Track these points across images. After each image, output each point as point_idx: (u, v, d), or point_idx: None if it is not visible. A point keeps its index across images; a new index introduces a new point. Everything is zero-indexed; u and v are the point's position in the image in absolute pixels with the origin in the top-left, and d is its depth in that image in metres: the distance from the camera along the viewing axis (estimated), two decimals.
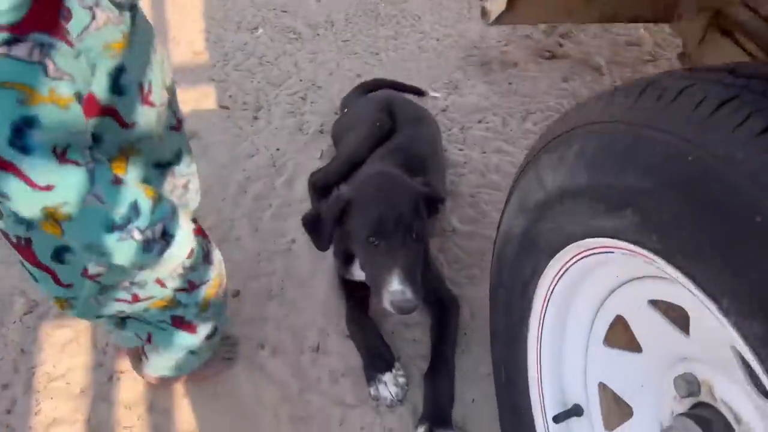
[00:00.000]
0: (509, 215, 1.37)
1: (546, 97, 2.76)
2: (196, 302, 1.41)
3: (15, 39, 0.73)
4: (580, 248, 1.13)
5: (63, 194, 0.87)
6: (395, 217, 1.58)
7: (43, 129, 0.79)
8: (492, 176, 2.36)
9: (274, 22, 3.18)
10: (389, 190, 1.65)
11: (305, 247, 2.08)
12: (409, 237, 1.60)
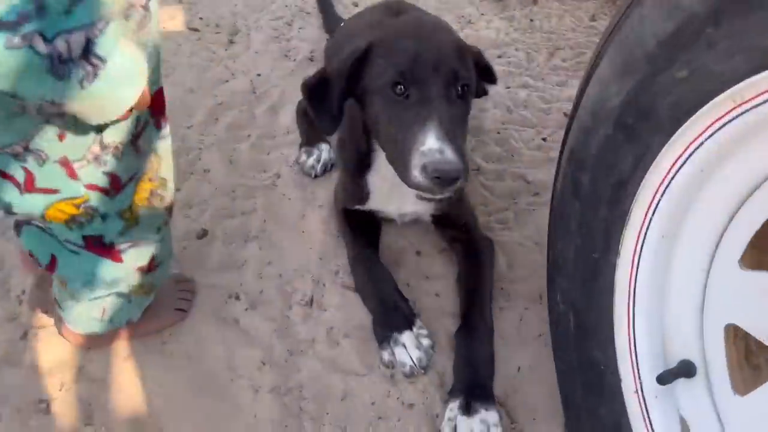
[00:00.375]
0: (597, 88, 0.95)
1: (573, 34, 2.37)
2: (119, 210, 0.97)
3: None
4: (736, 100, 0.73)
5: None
6: (434, 58, 1.11)
7: None
8: (520, 112, 1.95)
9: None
10: (426, 28, 1.21)
11: (293, 184, 1.64)
12: (453, 90, 1.13)
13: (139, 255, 1.06)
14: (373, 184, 1.38)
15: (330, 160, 1.68)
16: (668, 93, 0.81)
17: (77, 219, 0.95)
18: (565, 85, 2.08)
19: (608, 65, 0.91)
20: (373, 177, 1.37)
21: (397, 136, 1.11)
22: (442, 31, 1.23)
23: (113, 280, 1.06)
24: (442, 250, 1.49)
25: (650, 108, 0.85)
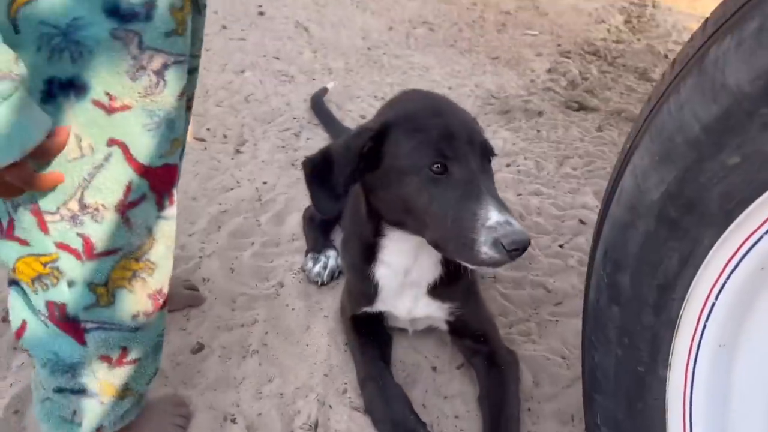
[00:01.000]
0: (633, 181, 0.88)
1: (581, 143, 2.36)
2: (90, 282, 0.86)
3: None
4: None
5: None
6: (466, 133, 1.06)
7: None
8: (534, 219, 1.88)
9: (264, 66, 2.81)
10: (442, 104, 1.14)
11: (296, 293, 1.53)
12: (485, 161, 1.08)
13: (107, 342, 0.92)
14: (381, 278, 1.27)
15: (337, 267, 1.59)
16: (718, 182, 0.73)
17: (43, 279, 0.85)
18: (577, 192, 2.04)
19: (645, 155, 0.84)
20: (381, 269, 1.26)
21: (447, 216, 1.02)
22: (455, 105, 1.18)
23: (74, 365, 0.92)
24: (461, 365, 1.35)
25: (697, 199, 0.76)
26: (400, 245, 1.21)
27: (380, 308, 1.31)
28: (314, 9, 3.54)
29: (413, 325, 1.36)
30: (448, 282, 1.27)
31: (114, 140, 0.80)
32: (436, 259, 1.24)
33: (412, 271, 1.25)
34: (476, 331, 1.30)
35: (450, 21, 3.58)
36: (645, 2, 4.20)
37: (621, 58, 3.25)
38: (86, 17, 0.73)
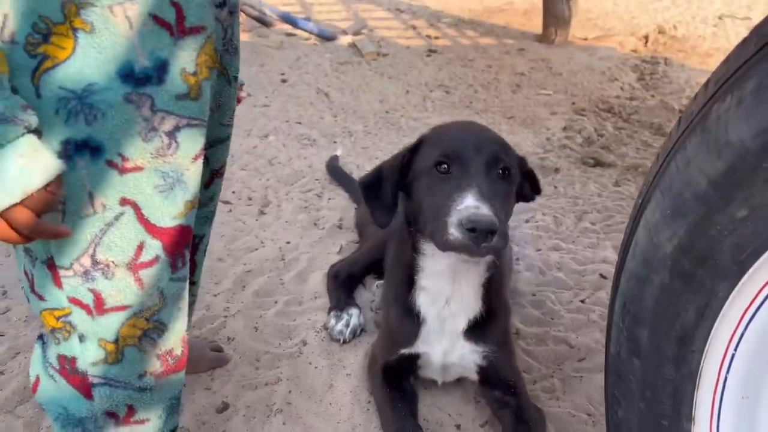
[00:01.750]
0: (646, 235, 0.90)
1: (599, 198, 2.38)
2: (100, 338, 0.88)
3: None
4: None
5: None
6: (475, 142, 1.16)
7: None
8: (554, 274, 1.89)
9: (287, 131, 2.91)
10: (473, 125, 1.29)
11: (319, 351, 1.55)
12: (494, 170, 1.15)
13: (111, 398, 0.93)
14: (422, 305, 1.31)
15: (360, 325, 1.61)
16: (728, 234, 0.75)
17: (56, 333, 0.88)
18: (597, 247, 2.05)
19: (656, 210, 0.86)
20: (422, 297, 1.31)
21: (436, 205, 1.12)
22: (488, 130, 1.28)
23: (82, 419, 0.93)
24: (485, 423, 1.35)
25: (709, 252, 0.78)
26: (437, 265, 1.26)
27: (419, 349, 1.32)
28: (334, 76, 3.68)
29: (444, 374, 1.37)
30: (486, 321, 1.29)
31: (126, 200, 0.84)
32: (476, 286, 1.27)
33: (452, 300, 1.27)
34: (507, 380, 1.30)
35: (465, 83, 3.69)
36: (657, 60, 4.29)
37: (635, 115, 3.31)
38: (101, 83, 0.78)
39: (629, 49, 4.53)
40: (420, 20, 5.06)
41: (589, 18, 5.32)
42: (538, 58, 4.19)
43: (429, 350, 1.32)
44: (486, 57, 4.20)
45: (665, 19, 5.31)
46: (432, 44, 4.44)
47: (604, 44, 4.57)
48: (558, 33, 4.51)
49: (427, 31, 4.76)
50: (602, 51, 4.39)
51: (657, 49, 4.58)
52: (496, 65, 4.04)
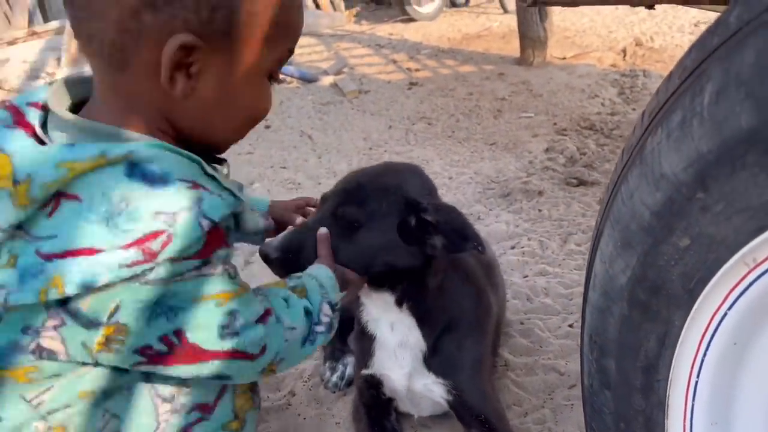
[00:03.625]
0: (602, 267, 0.91)
1: (584, 218, 2.39)
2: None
3: (204, 262, 0.82)
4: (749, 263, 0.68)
5: (274, 346, 0.92)
6: (334, 190, 1.21)
7: (242, 313, 0.87)
8: (542, 300, 1.88)
9: (272, 177, 2.94)
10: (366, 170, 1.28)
11: (307, 402, 1.54)
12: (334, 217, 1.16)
13: None
14: (368, 324, 1.33)
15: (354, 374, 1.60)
16: (675, 264, 0.76)
17: None
18: (583, 268, 2.04)
19: (609, 242, 0.87)
20: (367, 318, 1.33)
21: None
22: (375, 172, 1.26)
23: None
24: None
25: (661, 282, 0.79)
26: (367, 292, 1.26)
27: (377, 371, 1.32)
28: (317, 117, 3.72)
29: (415, 405, 1.36)
30: (449, 351, 1.28)
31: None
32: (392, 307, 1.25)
33: (396, 324, 1.28)
34: (479, 417, 1.28)
35: (447, 113, 3.73)
36: (636, 72, 4.33)
37: (617, 130, 3.33)
38: None
39: (608, 64, 4.58)
40: (400, 53, 5.14)
41: (567, 36, 5.39)
42: (518, 81, 4.24)
43: (390, 374, 1.32)
44: (466, 85, 4.25)
45: (642, 31, 5.38)
46: (413, 77, 4.51)
47: (583, 62, 4.63)
48: (536, 54, 4.56)
49: (408, 64, 4.83)
50: (581, 69, 4.44)
51: (635, 62, 4.63)
52: (477, 92, 4.09)
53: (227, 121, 0.93)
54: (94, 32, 0.81)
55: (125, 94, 0.85)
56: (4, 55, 3.51)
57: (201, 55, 0.82)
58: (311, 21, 6.16)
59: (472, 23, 6.22)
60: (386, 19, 6.51)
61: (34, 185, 0.73)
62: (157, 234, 0.75)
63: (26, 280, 0.73)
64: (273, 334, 0.92)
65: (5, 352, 0.79)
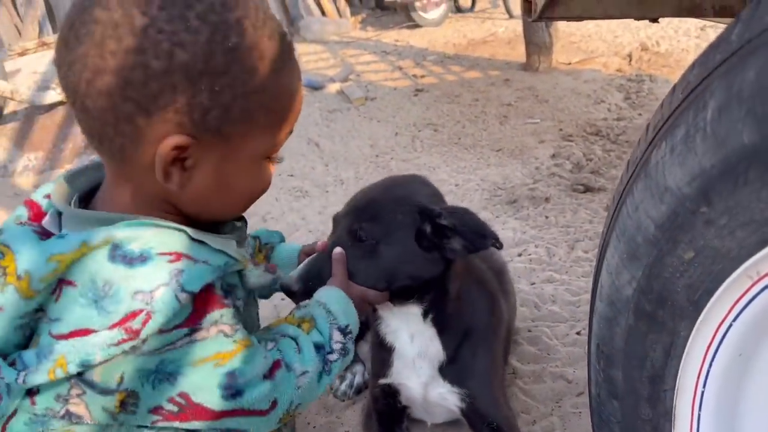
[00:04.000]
0: (609, 278, 0.92)
1: (591, 225, 2.39)
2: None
3: (193, 330, 0.85)
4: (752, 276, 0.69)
5: (286, 398, 0.94)
6: (346, 210, 1.24)
7: (243, 371, 0.88)
8: (549, 307, 1.89)
9: (279, 185, 2.97)
10: (376, 186, 1.31)
11: (316, 410, 1.55)
12: (350, 237, 1.17)
13: None
14: (387, 336, 1.34)
15: (364, 382, 1.61)
16: (680, 276, 0.77)
17: None
18: (590, 275, 2.04)
19: (615, 253, 0.88)
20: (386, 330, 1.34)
21: None
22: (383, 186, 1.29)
23: None
24: None
25: (666, 293, 0.80)
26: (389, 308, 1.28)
27: (395, 380, 1.33)
28: (324, 124, 3.75)
29: (429, 413, 1.37)
30: (463, 361, 1.30)
31: None
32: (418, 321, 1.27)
33: (416, 335, 1.29)
34: (492, 426, 1.29)
35: (453, 119, 3.75)
36: (642, 77, 4.33)
37: (623, 135, 3.34)
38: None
39: (614, 69, 4.59)
40: (406, 60, 5.16)
41: (572, 42, 5.40)
42: (524, 87, 4.25)
43: (406, 383, 1.33)
44: (472, 91, 4.26)
45: (648, 35, 5.38)
46: (419, 83, 4.53)
47: (588, 67, 4.64)
48: (541, 60, 4.57)
49: (414, 71, 4.85)
50: (587, 74, 4.45)
51: (641, 66, 4.64)
52: (483, 98, 4.10)
53: (226, 202, 0.95)
54: (94, 132, 0.85)
55: (129, 182, 0.90)
56: (14, 66, 3.56)
57: (194, 151, 0.85)
58: (317, 28, 6.20)
59: (477, 29, 6.23)
60: (392, 26, 6.54)
61: (33, 280, 0.81)
62: (137, 313, 0.79)
63: (41, 360, 0.81)
64: (283, 386, 0.93)
65: (44, 419, 0.87)
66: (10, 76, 3.41)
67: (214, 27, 0.80)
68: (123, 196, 0.91)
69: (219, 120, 0.84)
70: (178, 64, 0.79)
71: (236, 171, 0.91)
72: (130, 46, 0.77)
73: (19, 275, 0.81)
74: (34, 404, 0.87)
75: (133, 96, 0.79)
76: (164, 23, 0.78)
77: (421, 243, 1.16)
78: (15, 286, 0.81)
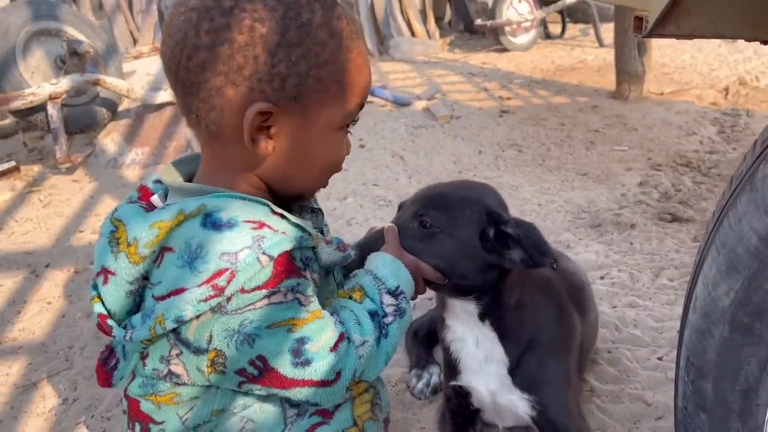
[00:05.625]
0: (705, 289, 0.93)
1: (677, 254, 2.35)
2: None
3: (271, 292, 0.92)
4: None
5: (349, 369, 0.99)
6: (414, 198, 1.29)
7: (312, 340, 0.95)
8: (631, 331, 1.88)
9: (364, 193, 3.07)
10: (448, 183, 1.38)
11: (393, 404, 1.60)
12: (417, 220, 1.20)
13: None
14: (451, 342, 1.39)
15: (440, 383, 1.66)
16: None
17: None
18: (674, 304, 2.02)
19: (713, 265, 0.90)
20: (449, 334, 1.39)
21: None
22: (455, 183, 1.40)
23: None
24: None
25: (765, 305, 0.81)
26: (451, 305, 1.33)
27: (465, 382, 1.37)
28: (409, 139, 3.84)
29: (500, 416, 1.40)
30: (525, 367, 1.32)
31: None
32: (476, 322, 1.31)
33: (480, 340, 1.33)
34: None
35: (538, 142, 3.75)
36: (738, 112, 4.19)
37: (715, 168, 3.24)
38: None
39: (708, 102, 4.46)
40: (492, 82, 5.20)
41: (665, 72, 5.28)
42: (612, 115, 4.20)
43: (476, 386, 1.37)
44: (559, 115, 4.25)
45: (747, 70, 5.19)
46: (504, 105, 4.55)
47: (681, 98, 4.53)
48: (632, 89, 4.50)
49: (499, 93, 4.88)
50: (679, 105, 4.35)
51: (738, 101, 4.48)
52: (569, 123, 4.08)
53: (306, 171, 1.05)
54: (191, 108, 0.97)
55: (220, 157, 1.03)
56: (130, 67, 3.86)
57: (277, 118, 0.96)
58: (406, 48, 6.34)
59: (566, 55, 6.20)
60: (479, 49, 6.59)
61: (140, 245, 0.94)
62: (223, 272, 0.89)
63: (145, 320, 0.93)
64: (346, 358, 0.99)
65: (152, 382, 1.01)
66: (126, 77, 3.70)
67: (288, 5, 0.93)
68: (215, 174, 1.04)
69: (296, 88, 0.95)
70: (259, 37, 0.91)
71: (314, 139, 1.01)
72: (220, 24, 0.90)
73: (129, 242, 0.94)
74: (144, 366, 1.00)
75: (222, 69, 0.91)
76: (246, 3, 0.91)
77: (482, 245, 1.20)
78: (125, 252, 0.94)
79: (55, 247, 2.63)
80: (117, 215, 0.99)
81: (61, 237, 2.73)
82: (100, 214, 2.95)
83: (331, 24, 0.95)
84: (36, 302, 2.23)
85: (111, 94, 3.50)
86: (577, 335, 1.45)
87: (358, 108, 1.04)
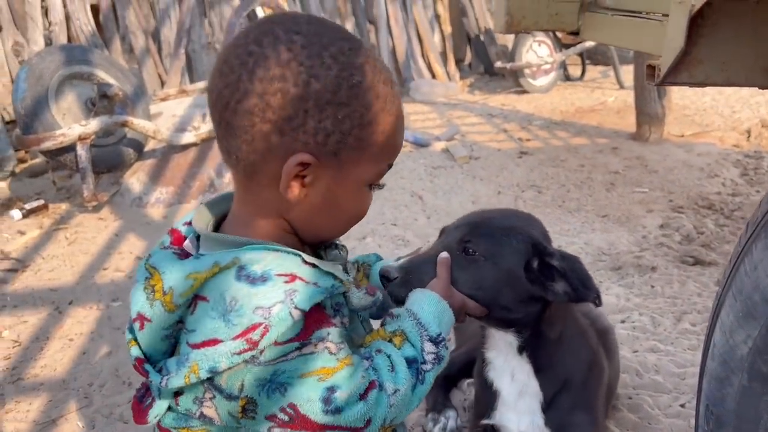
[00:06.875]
0: (723, 337, 0.92)
1: (700, 298, 2.31)
2: None
3: (302, 344, 0.94)
4: None
5: (379, 416, 0.99)
6: (458, 222, 1.29)
7: (342, 388, 0.96)
8: (652, 377, 1.84)
9: (383, 233, 3.09)
10: (490, 210, 1.38)
11: None
12: (459, 247, 1.20)
13: None
14: (494, 379, 1.36)
15: (456, 427, 1.64)
16: None
17: None
18: (697, 349, 1.98)
19: (730, 312, 0.89)
20: (490, 371, 1.37)
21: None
22: (501, 211, 1.38)
23: None
24: None
25: None
26: (491, 335, 1.32)
27: (496, 420, 1.36)
28: (428, 179, 3.87)
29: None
30: (558, 406, 1.31)
31: None
32: (514, 356, 1.30)
33: (516, 373, 1.32)
34: None
35: (557, 183, 3.76)
36: (762, 154, 4.16)
37: (738, 211, 3.21)
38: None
39: (730, 144, 4.44)
40: (511, 123, 5.25)
41: (686, 114, 5.28)
42: (633, 156, 4.20)
43: (508, 424, 1.35)
44: (578, 157, 4.26)
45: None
46: (523, 146, 4.58)
47: (703, 140, 4.51)
48: (652, 131, 4.51)
49: (519, 134, 4.92)
50: (700, 147, 4.33)
51: (761, 143, 4.46)
52: (589, 164, 4.09)
53: (331, 221, 1.08)
54: (231, 149, 1.00)
55: (252, 199, 1.05)
56: (157, 109, 3.97)
57: (314, 170, 0.99)
58: (426, 90, 6.44)
59: (586, 97, 6.24)
60: (499, 90, 6.67)
61: (175, 295, 0.96)
62: (257, 326, 0.91)
63: (179, 367, 0.95)
64: (377, 407, 0.99)
65: (186, 417, 1.03)
66: (153, 118, 3.81)
67: (343, 66, 0.96)
68: (245, 217, 1.07)
69: (338, 144, 0.98)
70: (312, 92, 0.94)
71: (344, 193, 1.04)
72: (275, 74, 0.93)
73: (165, 291, 0.97)
74: (177, 404, 1.02)
75: (271, 117, 0.94)
76: (304, 58, 0.94)
77: (526, 275, 1.19)
78: (161, 300, 0.97)
79: (78, 285, 2.68)
80: (152, 262, 1.02)
81: (85, 274, 2.78)
82: (123, 252, 3.00)
83: (377, 88, 0.99)
84: (58, 339, 2.26)
85: (138, 135, 3.60)
86: (605, 379, 1.43)
87: (389, 167, 1.08)
